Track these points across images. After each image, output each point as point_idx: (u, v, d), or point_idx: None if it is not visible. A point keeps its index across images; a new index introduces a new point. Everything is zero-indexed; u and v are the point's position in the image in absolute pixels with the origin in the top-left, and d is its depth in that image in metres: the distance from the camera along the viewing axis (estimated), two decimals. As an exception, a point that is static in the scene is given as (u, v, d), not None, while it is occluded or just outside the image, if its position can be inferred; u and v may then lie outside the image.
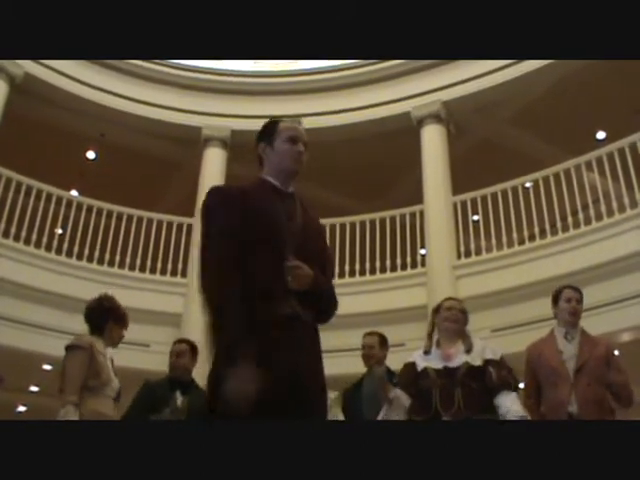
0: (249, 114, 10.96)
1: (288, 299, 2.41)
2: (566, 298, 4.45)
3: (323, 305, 2.57)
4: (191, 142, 10.92)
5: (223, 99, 11.11)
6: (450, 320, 4.16)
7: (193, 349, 4.94)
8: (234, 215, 2.48)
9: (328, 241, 3.01)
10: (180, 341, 5.14)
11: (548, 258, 8.55)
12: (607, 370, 4.23)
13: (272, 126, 2.75)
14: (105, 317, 4.32)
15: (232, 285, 2.33)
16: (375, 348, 5.22)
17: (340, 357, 7.66)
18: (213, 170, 10.68)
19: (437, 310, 4.28)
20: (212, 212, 2.55)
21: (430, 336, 4.24)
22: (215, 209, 2.55)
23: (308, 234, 2.61)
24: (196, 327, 9.33)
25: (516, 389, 3.95)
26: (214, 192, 2.62)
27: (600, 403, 4.14)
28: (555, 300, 4.52)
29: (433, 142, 10.20)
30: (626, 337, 7.94)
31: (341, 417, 4.56)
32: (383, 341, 5.32)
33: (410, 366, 4.17)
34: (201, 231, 2.55)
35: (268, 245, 2.46)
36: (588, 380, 4.17)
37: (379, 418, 4.08)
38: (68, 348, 4.18)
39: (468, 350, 4.01)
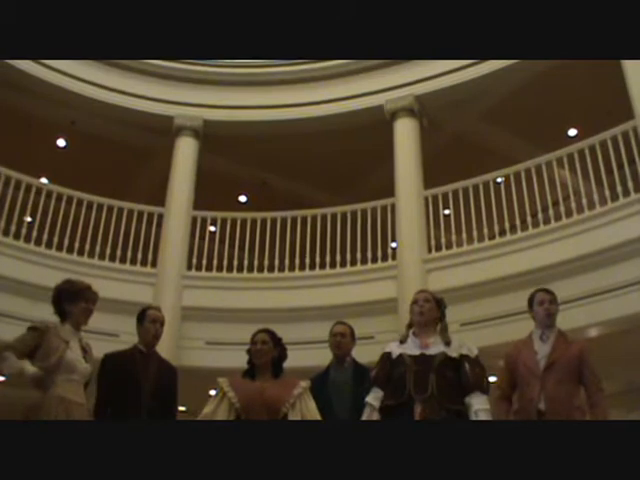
0: (222, 104, 10.93)
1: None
2: (539, 301, 4.63)
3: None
4: (163, 131, 10.84)
5: (196, 88, 11.04)
6: (416, 313, 4.28)
7: None
8: (106, 380, 4.42)
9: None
10: None
11: (518, 253, 8.60)
12: (580, 368, 4.37)
13: (142, 313, 4.65)
14: (59, 300, 4.34)
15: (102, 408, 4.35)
16: (347, 337, 5.19)
17: (310, 349, 7.67)
18: (185, 160, 10.63)
19: (412, 303, 4.38)
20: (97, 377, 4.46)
21: (409, 327, 4.34)
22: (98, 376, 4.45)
23: (160, 379, 4.49)
24: (165, 315, 9.26)
25: (487, 391, 4.07)
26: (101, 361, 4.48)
27: (569, 400, 4.28)
28: (530, 304, 4.70)
29: (406, 136, 10.21)
30: (594, 332, 8.01)
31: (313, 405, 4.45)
32: (352, 332, 5.27)
33: (385, 356, 4.27)
34: None
35: (125, 390, 4.33)
36: (558, 377, 4.32)
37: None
38: None
39: (447, 343, 4.13)
